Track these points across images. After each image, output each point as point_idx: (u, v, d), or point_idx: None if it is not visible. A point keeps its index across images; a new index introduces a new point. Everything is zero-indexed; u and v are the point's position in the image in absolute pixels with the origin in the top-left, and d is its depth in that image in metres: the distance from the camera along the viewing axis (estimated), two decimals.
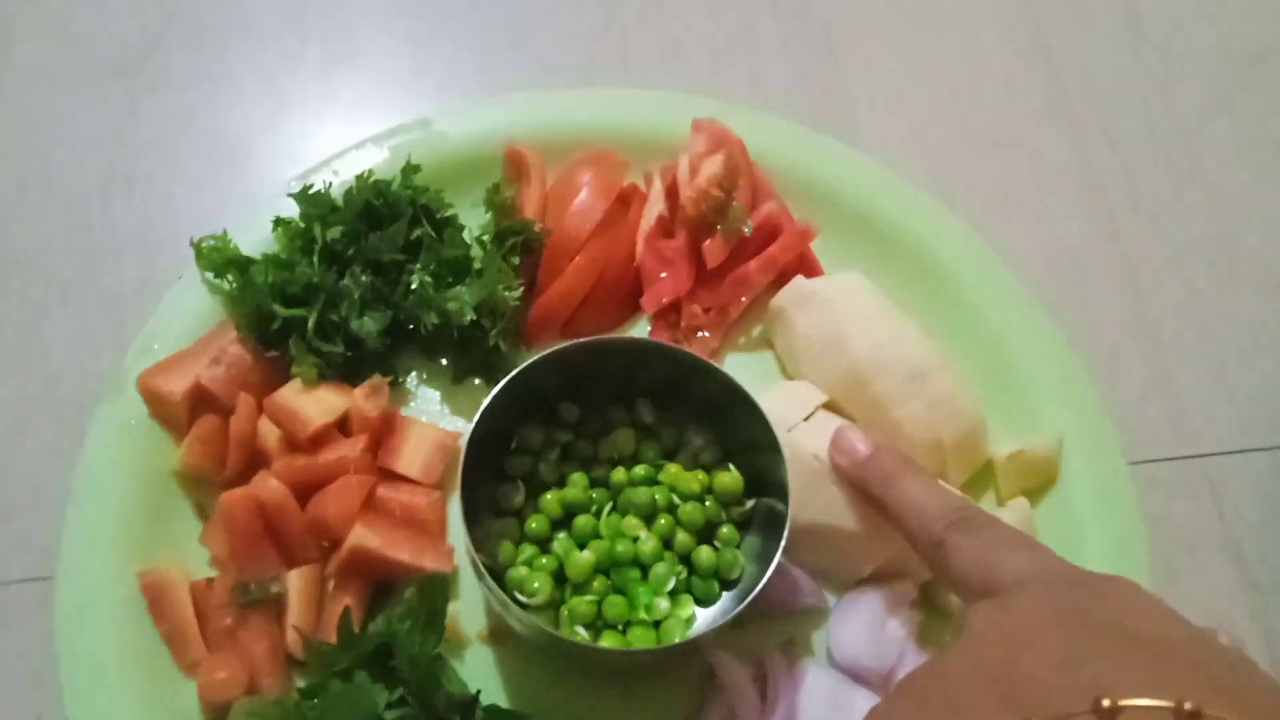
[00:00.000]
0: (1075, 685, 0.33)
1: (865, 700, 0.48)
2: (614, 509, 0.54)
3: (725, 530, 0.53)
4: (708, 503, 0.53)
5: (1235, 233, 0.69)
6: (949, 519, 0.44)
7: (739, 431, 0.53)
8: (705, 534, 0.53)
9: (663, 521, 0.52)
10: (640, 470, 0.54)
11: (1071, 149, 0.71)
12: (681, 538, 0.52)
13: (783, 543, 0.48)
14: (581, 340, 0.53)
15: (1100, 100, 0.73)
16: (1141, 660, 0.34)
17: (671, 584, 0.51)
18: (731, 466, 0.54)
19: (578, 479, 0.54)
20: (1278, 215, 0.69)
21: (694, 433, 0.56)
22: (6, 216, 0.65)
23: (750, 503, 0.54)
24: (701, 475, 0.54)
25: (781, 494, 0.49)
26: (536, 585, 0.50)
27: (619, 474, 0.54)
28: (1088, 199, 0.69)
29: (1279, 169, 0.71)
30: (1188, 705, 0.31)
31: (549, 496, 0.53)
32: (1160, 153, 0.71)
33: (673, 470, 0.54)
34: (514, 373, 0.51)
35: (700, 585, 0.52)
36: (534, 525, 0.53)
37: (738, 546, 0.53)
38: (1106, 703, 0.32)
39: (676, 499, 0.53)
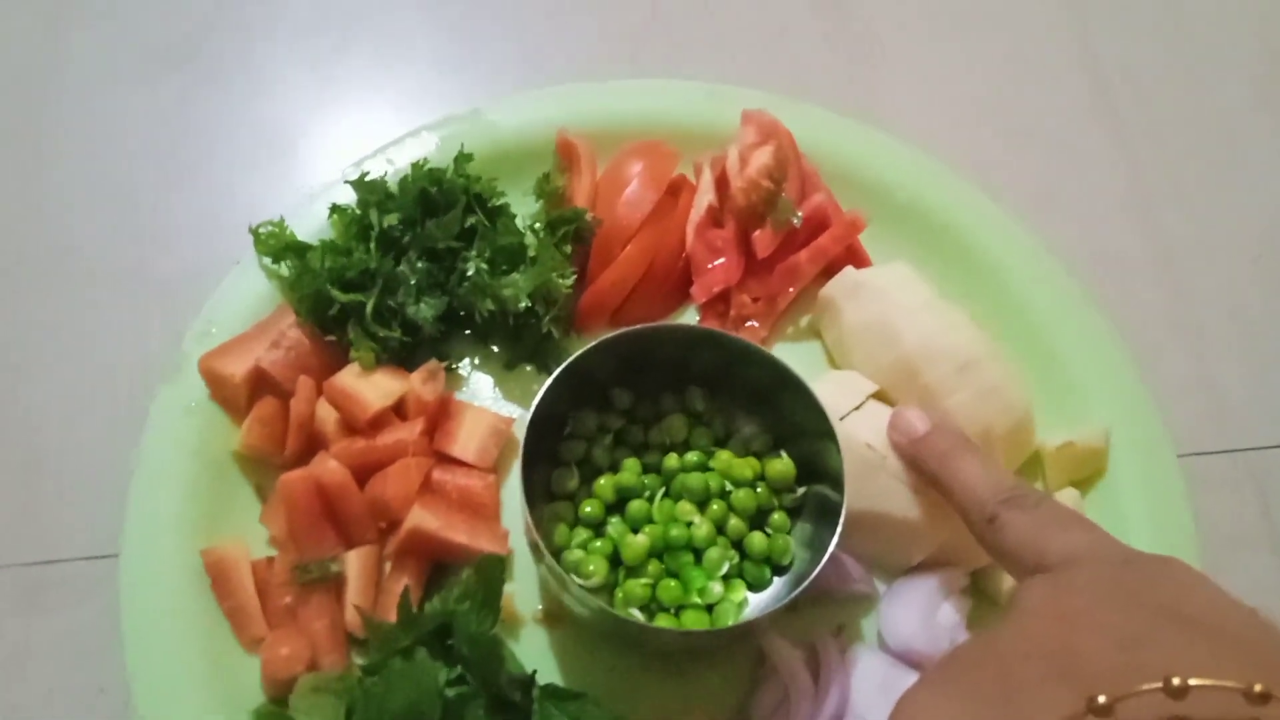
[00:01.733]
0: (1138, 665, 0.33)
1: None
2: (666, 494, 0.54)
3: (777, 517, 0.54)
4: (759, 489, 0.54)
5: (1277, 229, 0.69)
6: (1003, 495, 0.44)
7: (791, 418, 0.53)
8: (757, 520, 0.54)
9: (715, 507, 0.53)
10: (692, 456, 0.55)
11: (1114, 145, 0.72)
12: (734, 523, 0.53)
13: (839, 529, 0.48)
14: (635, 327, 0.53)
15: (1143, 97, 0.73)
16: (1203, 642, 0.34)
17: (725, 569, 0.52)
18: (783, 454, 0.55)
19: (631, 464, 0.55)
20: None
21: (745, 420, 0.57)
22: (63, 204, 0.66)
23: (801, 490, 0.54)
24: (754, 462, 0.55)
25: (835, 481, 0.50)
26: (592, 568, 0.51)
27: (671, 460, 0.55)
28: (1130, 195, 0.70)
29: None
30: (1258, 688, 0.31)
31: (602, 481, 0.54)
32: (1202, 150, 0.72)
33: (725, 457, 0.55)
34: (571, 359, 0.51)
35: (752, 570, 0.53)
36: (588, 509, 0.53)
37: (789, 533, 0.54)
38: (1176, 681, 0.32)
39: (729, 485, 0.54)
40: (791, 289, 0.62)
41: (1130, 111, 0.73)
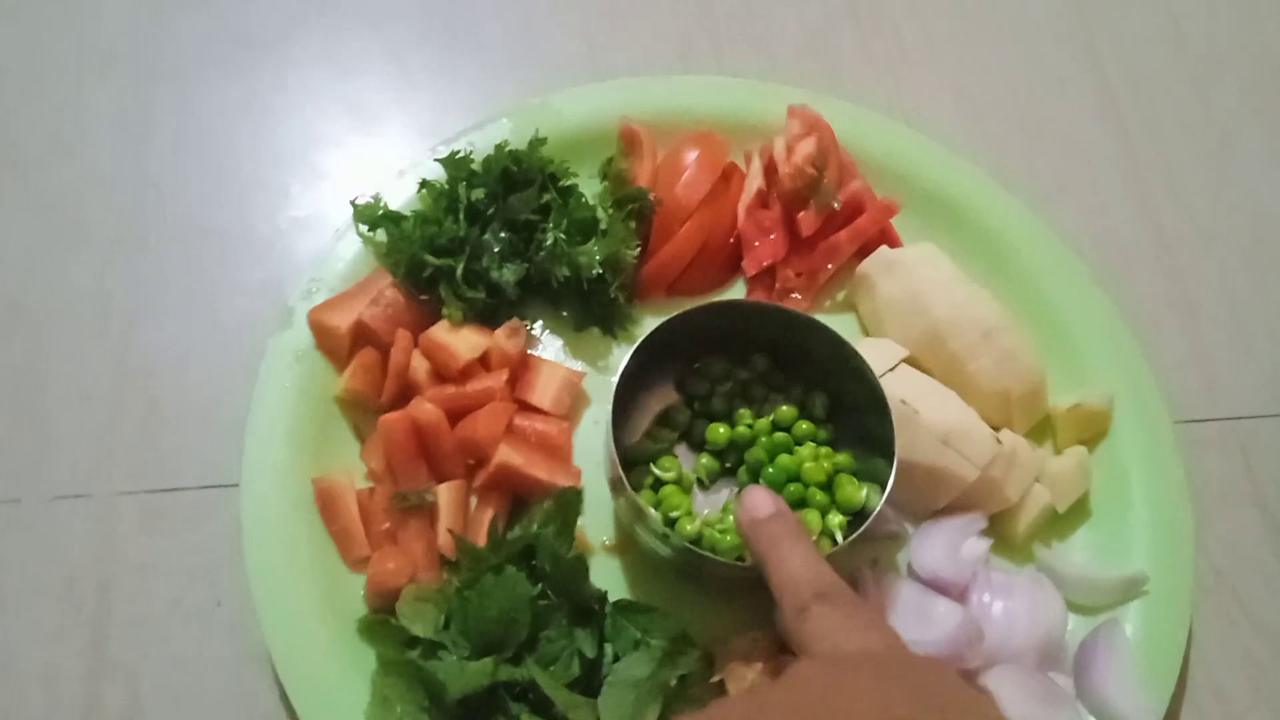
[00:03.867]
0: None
1: (945, 606, 0.55)
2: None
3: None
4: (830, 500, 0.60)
5: (1265, 223, 0.76)
6: (819, 589, 0.45)
7: (850, 395, 0.60)
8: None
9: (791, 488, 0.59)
10: (781, 438, 0.61)
11: (1118, 143, 0.79)
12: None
13: (887, 491, 0.55)
14: (728, 300, 0.61)
15: (1145, 101, 0.81)
16: None
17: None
18: (854, 480, 0.59)
19: (744, 414, 0.62)
20: None
21: (811, 393, 0.63)
22: (177, 176, 0.72)
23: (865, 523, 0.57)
24: (828, 466, 0.59)
25: (886, 447, 0.56)
26: (676, 502, 0.58)
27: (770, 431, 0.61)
28: (1132, 189, 0.77)
29: None
30: None
31: (719, 427, 0.61)
32: (1198, 150, 0.79)
33: (804, 457, 0.60)
34: (669, 317, 0.58)
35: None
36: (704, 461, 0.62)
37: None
38: None
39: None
40: (831, 265, 0.69)
41: (1133, 112, 0.80)
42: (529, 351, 0.65)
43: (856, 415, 0.60)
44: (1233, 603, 0.63)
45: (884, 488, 0.55)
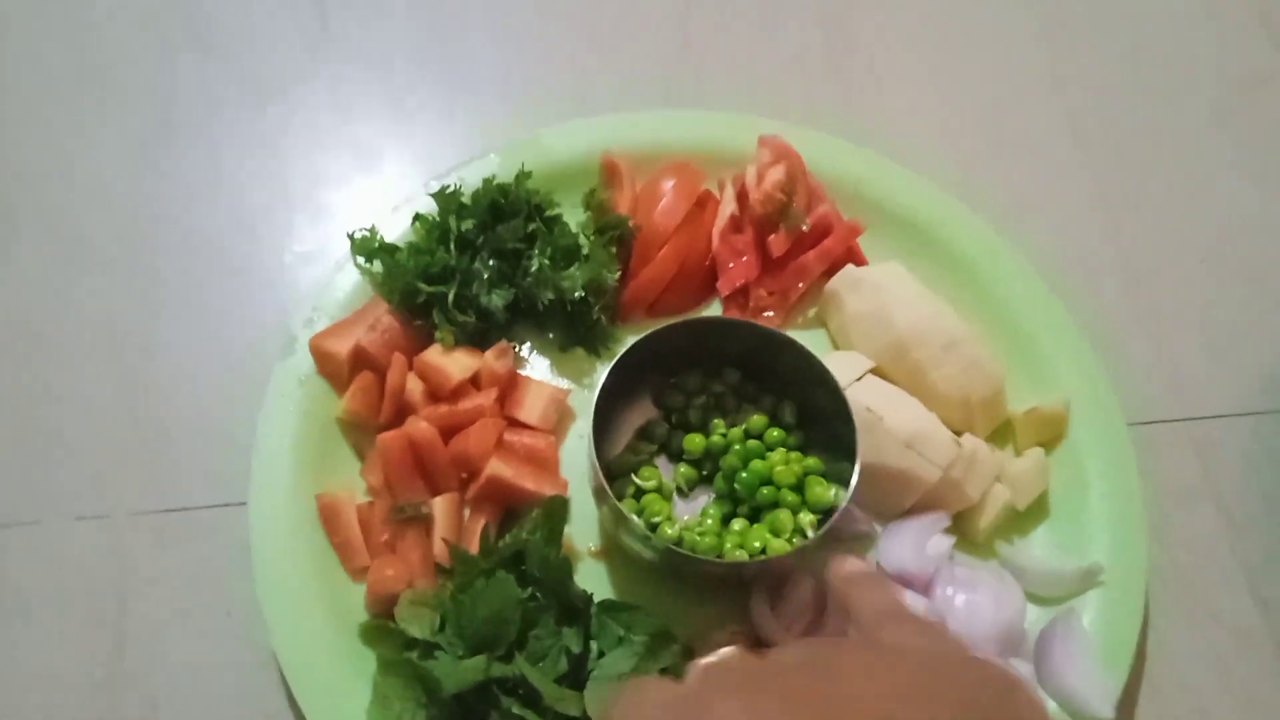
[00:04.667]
0: None
1: (910, 599, 0.59)
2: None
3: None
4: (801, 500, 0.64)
5: (1224, 233, 0.80)
6: (895, 612, 0.46)
7: (814, 401, 0.64)
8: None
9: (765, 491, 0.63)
10: (754, 445, 0.65)
11: (1082, 160, 0.83)
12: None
13: (852, 487, 0.58)
14: (698, 317, 0.66)
15: (1106, 119, 0.85)
16: None
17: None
18: (823, 480, 0.63)
19: (719, 425, 0.66)
20: (1262, 219, 0.81)
21: (779, 403, 0.67)
22: (189, 212, 0.78)
23: (832, 518, 0.60)
24: (798, 469, 0.63)
25: (849, 451, 0.60)
26: (657, 509, 0.62)
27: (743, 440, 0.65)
28: (1096, 203, 0.81)
29: (1264, 180, 0.83)
30: None
31: (695, 438, 0.65)
32: (1158, 163, 0.83)
33: (775, 462, 0.64)
34: (644, 335, 0.62)
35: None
36: (683, 470, 0.66)
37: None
38: None
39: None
40: (801, 284, 0.74)
41: (1095, 132, 0.84)
42: (518, 371, 0.70)
43: (825, 423, 0.64)
44: (1192, 597, 0.66)
45: (849, 486, 0.59)
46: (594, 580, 0.64)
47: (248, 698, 0.62)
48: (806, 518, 0.62)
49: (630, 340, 0.64)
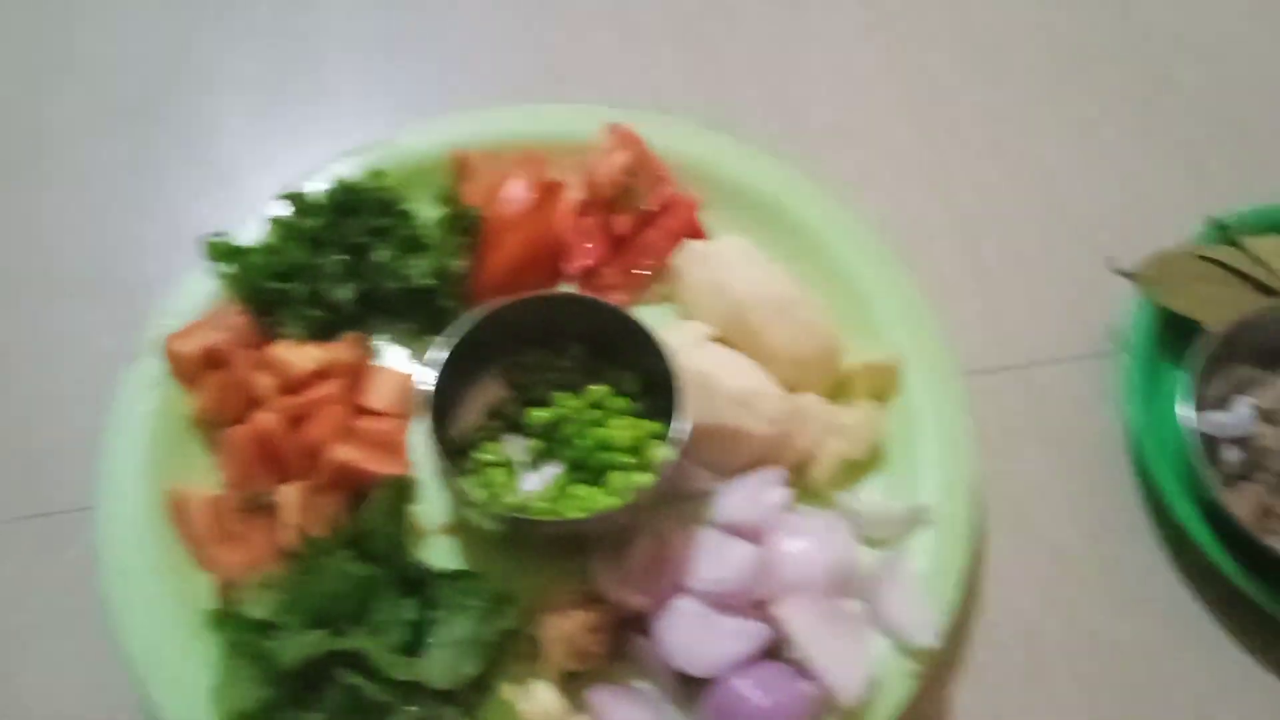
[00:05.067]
0: None
1: (740, 548, 0.61)
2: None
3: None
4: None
5: (1046, 192, 0.84)
6: None
7: (658, 373, 0.66)
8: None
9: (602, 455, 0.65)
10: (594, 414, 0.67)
11: (920, 136, 0.87)
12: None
13: (676, 441, 0.61)
14: (528, 294, 0.67)
15: (941, 94, 0.89)
16: None
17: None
18: (661, 444, 0.65)
19: (562, 398, 0.68)
20: (1085, 183, 0.85)
21: (619, 371, 0.69)
22: (52, 228, 0.80)
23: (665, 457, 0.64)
24: (639, 434, 0.66)
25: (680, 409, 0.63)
26: (500, 481, 0.64)
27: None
28: (933, 175, 0.85)
29: (1088, 149, 0.87)
30: None
31: (538, 411, 0.67)
32: (993, 137, 0.87)
33: (615, 428, 0.66)
34: (482, 310, 0.65)
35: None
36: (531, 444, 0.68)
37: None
38: None
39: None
40: (649, 262, 0.76)
41: (932, 110, 0.89)
42: (369, 361, 0.71)
43: (665, 391, 0.66)
44: (1024, 529, 0.69)
45: (674, 444, 0.61)
46: (444, 556, 0.65)
47: (104, 694, 0.62)
48: (646, 478, 0.64)
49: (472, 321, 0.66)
